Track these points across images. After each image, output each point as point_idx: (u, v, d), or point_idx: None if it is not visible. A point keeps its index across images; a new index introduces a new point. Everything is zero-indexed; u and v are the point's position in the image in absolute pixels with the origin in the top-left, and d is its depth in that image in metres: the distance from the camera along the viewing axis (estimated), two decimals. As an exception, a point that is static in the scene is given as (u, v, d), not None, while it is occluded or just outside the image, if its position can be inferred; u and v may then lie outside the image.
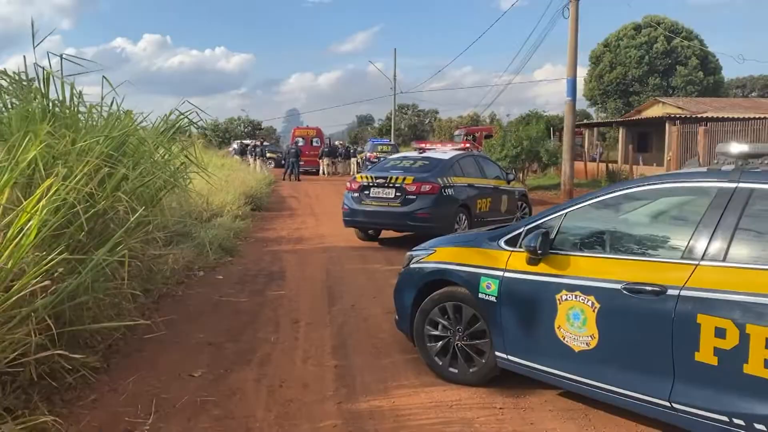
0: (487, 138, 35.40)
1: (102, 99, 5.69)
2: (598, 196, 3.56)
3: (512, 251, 3.75)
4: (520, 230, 3.78)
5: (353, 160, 33.73)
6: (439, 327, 4.13)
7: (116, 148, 4.57)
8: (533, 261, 3.55)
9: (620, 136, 24.21)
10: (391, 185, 9.25)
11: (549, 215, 3.71)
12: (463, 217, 9.45)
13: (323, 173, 31.20)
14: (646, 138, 26.30)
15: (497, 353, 3.77)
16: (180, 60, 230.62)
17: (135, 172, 4.68)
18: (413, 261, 4.51)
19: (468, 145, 10.05)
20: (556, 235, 3.56)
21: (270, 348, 4.88)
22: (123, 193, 4.38)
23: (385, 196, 9.28)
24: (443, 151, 10.43)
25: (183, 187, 6.54)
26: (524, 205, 11.67)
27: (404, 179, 9.16)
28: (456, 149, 10.53)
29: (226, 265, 8.15)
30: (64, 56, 5.11)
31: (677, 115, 20.27)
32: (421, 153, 10.28)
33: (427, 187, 9.04)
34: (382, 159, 30.61)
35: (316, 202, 17.49)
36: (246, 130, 65.87)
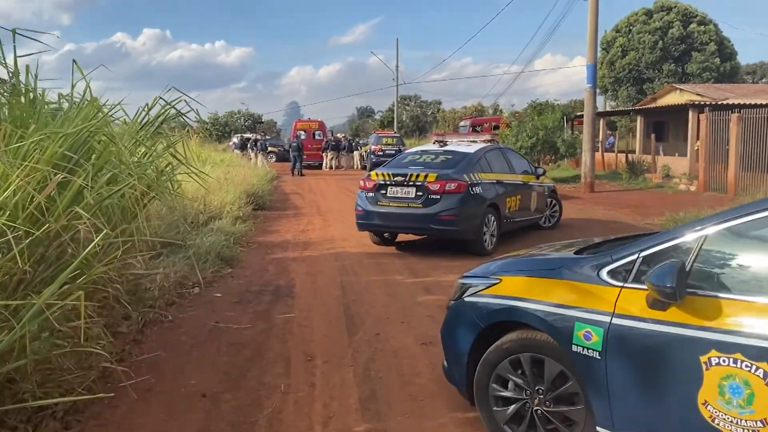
0: (495, 129, 34.39)
1: (73, 87, 4.65)
2: (760, 210, 2.45)
3: (623, 287, 2.67)
4: (633, 257, 2.70)
5: (356, 153, 32.67)
6: (511, 386, 3.06)
7: (75, 149, 3.49)
8: (661, 304, 2.48)
9: (638, 124, 23.05)
10: (411, 184, 8.13)
11: (674, 237, 2.63)
12: (492, 219, 8.37)
13: (327, 167, 30.11)
14: (662, 127, 25.16)
15: (600, 429, 2.71)
16: (180, 54, 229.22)
17: (101, 179, 3.60)
18: (469, 292, 3.42)
19: (493, 136, 8.88)
20: (691, 265, 2.48)
21: (280, 401, 3.82)
22: (84, 207, 3.30)
23: (404, 196, 8.16)
24: (466, 144, 9.30)
25: (171, 192, 5.47)
26: (554, 202, 10.59)
27: (426, 177, 8.04)
28: (481, 141, 9.39)
29: (225, 279, 7.08)
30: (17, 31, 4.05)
31: (700, 102, 19.12)
32: (442, 146, 9.15)
33: (452, 186, 7.93)
34: (387, 152, 29.91)
35: (322, 200, 16.41)
36: (246, 123, 64.72)
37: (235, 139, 35.84)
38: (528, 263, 3.45)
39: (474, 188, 8.12)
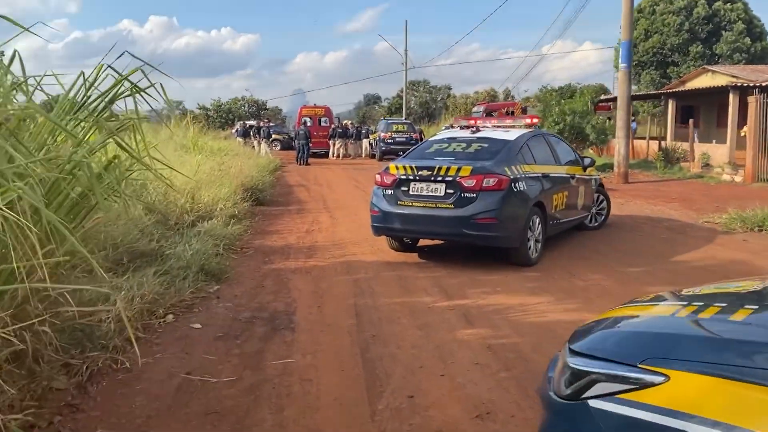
0: (509, 114, 32.80)
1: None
2: None
3: None
4: None
5: (365, 141, 31.12)
6: None
7: None
8: None
9: (669, 109, 21.34)
10: (439, 179, 6.58)
11: None
12: (537, 221, 6.87)
13: (333, 156, 28.59)
14: (690, 112, 23.46)
15: None
16: (186, 41, 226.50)
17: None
18: (598, 392, 1.91)
19: (536, 120, 7.46)
20: None
21: None
22: None
23: (431, 194, 6.64)
24: (503, 130, 7.75)
25: (124, 196, 4.00)
26: (601, 197, 9.06)
27: (459, 170, 6.50)
28: (520, 126, 7.88)
29: (209, 301, 5.62)
30: None
31: (743, 84, 17.44)
32: (474, 132, 7.56)
33: (491, 181, 6.41)
34: (397, 139, 28.29)
35: (329, 192, 14.92)
36: (250, 110, 63.18)
37: (237, 126, 34.30)
38: (715, 346, 1.91)
39: (517, 184, 6.60)
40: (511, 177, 6.54)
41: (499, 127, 8.07)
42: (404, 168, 6.87)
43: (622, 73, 15.38)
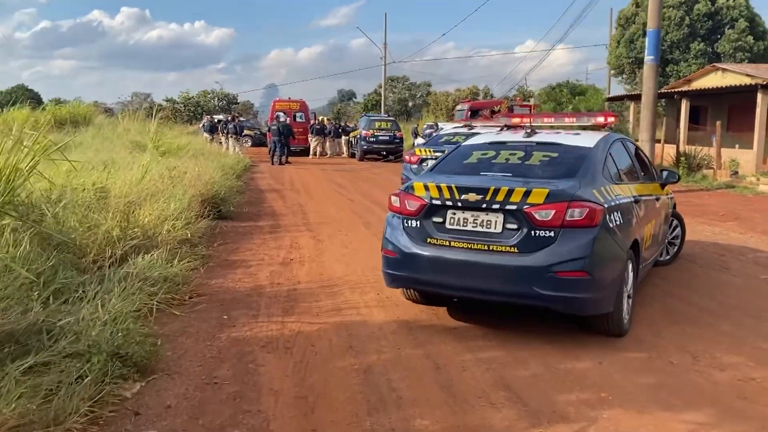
0: (493, 114, 30.77)
1: None
2: None
3: None
4: None
5: (344, 139, 28.73)
6: None
7: None
8: None
9: (683, 110, 19.40)
10: (495, 206, 4.27)
11: None
12: (630, 268, 4.61)
13: (312, 154, 26.15)
14: (697, 113, 21.64)
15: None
16: (159, 34, 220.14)
17: None
18: None
19: (611, 119, 5.47)
20: None
21: None
22: None
23: (481, 229, 4.34)
24: (572, 132, 5.38)
25: None
26: (675, 223, 6.88)
27: (526, 194, 4.21)
28: (590, 126, 5.70)
29: (121, 423, 3.24)
30: None
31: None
32: (529, 135, 5.21)
33: (578, 212, 4.13)
34: (380, 137, 25.90)
35: (308, 201, 12.51)
36: (221, 104, 60.14)
37: (204, 121, 31.48)
38: None
39: (613, 216, 4.34)
40: (606, 206, 4.27)
41: (554, 128, 5.79)
42: (437, 188, 4.53)
43: (647, 67, 13.33)
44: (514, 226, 4.22)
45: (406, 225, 4.63)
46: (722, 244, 8.12)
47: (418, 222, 4.56)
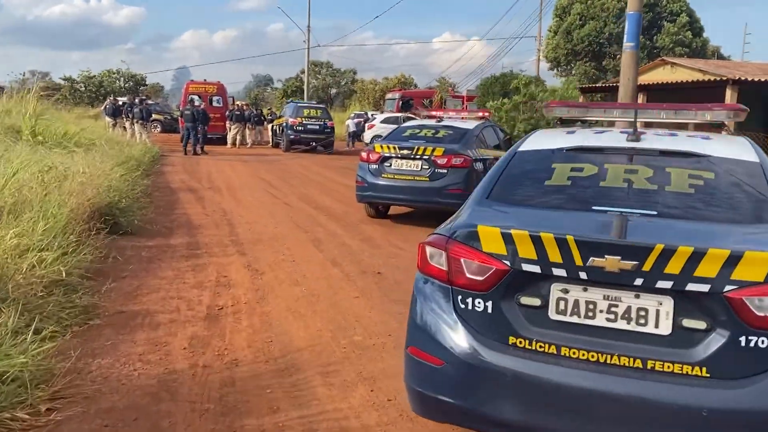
0: (429, 104, 29.29)
1: None
2: None
3: None
4: None
5: (268, 126, 26.13)
6: None
7: None
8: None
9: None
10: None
11: None
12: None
13: (230, 144, 23.39)
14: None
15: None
16: (62, 9, 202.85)
17: None
18: None
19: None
20: None
21: None
22: None
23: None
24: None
25: None
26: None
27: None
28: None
29: None
30: None
31: (740, 78, 14.74)
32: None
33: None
34: (309, 126, 23.51)
35: (234, 206, 10.09)
36: (127, 85, 55.13)
37: (106, 103, 27.75)
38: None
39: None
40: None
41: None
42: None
43: (627, 55, 11.85)
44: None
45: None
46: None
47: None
